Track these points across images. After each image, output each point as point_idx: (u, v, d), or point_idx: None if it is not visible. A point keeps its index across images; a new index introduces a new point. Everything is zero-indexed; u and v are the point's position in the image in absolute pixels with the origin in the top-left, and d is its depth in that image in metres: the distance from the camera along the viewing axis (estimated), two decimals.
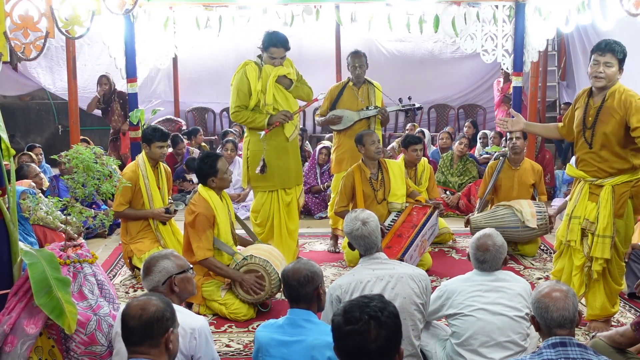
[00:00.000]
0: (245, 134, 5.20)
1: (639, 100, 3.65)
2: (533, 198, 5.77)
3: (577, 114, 3.95)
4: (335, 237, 5.94)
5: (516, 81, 6.70)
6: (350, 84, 5.81)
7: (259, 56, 5.03)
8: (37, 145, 7.86)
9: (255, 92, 4.89)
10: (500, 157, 5.89)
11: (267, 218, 5.12)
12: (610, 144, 3.76)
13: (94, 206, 6.38)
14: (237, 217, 4.80)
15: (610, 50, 3.69)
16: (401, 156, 6.42)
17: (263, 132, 4.92)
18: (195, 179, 7.90)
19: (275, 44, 4.86)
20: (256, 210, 5.16)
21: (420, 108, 6.17)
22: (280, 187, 5.11)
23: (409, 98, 6.00)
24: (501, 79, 9.61)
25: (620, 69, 3.75)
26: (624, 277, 4.57)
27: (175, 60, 10.06)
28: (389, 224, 5.03)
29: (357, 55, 5.79)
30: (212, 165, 4.37)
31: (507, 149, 5.86)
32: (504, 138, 5.87)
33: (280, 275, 4.18)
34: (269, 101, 4.92)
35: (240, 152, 7.69)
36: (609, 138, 3.75)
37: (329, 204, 6.10)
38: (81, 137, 6.85)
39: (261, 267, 4.29)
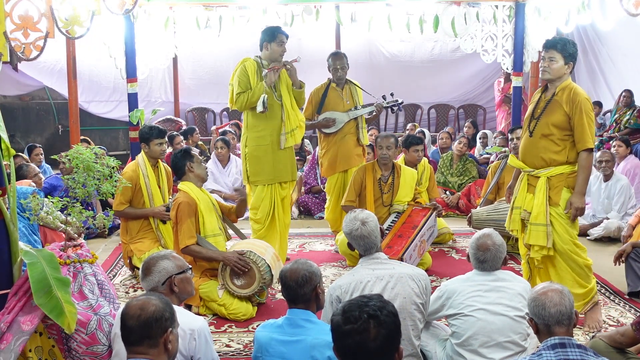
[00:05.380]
0: (243, 132, 5.23)
1: (584, 99, 3.84)
2: None
3: (529, 108, 4.14)
4: None
5: (516, 81, 6.70)
6: (333, 85, 5.78)
7: (258, 56, 5.10)
8: (37, 145, 7.85)
9: (253, 86, 4.97)
10: (504, 158, 5.97)
11: (267, 214, 5.15)
12: (551, 134, 3.92)
13: (89, 208, 6.36)
14: (224, 217, 4.79)
15: (552, 46, 3.89)
16: (401, 156, 6.41)
17: (265, 71, 4.98)
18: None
19: (280, 31, 5.01)
20: (256, 207, 5.17)
21: (402, 103, 6.16)
22: (277, 180, 5.16)
23: (392, 94, 5.99)
24: (502, 80, 9.61)
25: (567, 64, 3.89)
26: (625, 277, 4.61)
27: (175, 60, 10.06)
28: (389, 225, 5.05)
29: (338, 56, 5.78)
30: (187, 154, 4.53)
31: (508, 149, 5.89)
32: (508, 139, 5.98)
33: (267, 262, 4.30)
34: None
35: (238, 152, 7.67)
36: (551, 129, 3.91)
37: (325, 207, 6.06)
38: (81, 137, 6.85)
39: (247, 258, 4.30)
